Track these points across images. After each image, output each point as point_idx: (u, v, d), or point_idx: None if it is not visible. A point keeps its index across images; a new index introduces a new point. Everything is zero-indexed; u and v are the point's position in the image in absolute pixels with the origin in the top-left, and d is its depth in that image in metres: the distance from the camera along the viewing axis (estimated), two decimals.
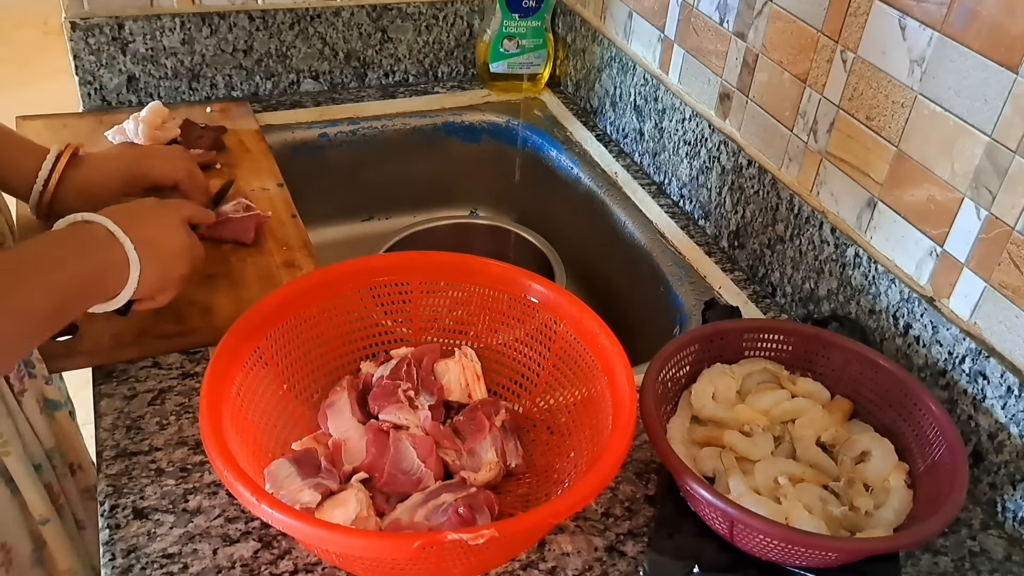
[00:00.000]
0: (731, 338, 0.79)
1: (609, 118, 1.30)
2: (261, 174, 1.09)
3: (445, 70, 1.40)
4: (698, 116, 1.09)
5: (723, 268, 1.04)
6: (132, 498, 0.70)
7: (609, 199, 1.19)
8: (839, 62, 0.87)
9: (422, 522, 0.64)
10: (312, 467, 0.65)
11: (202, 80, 1.25)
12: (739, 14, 0.99)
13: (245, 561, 0.66)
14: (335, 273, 0.76)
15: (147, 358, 0.83)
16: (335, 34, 1.29)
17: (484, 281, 0.78)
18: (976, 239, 0.75)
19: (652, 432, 0.67)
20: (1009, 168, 0.71)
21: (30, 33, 3.37)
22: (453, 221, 1.25)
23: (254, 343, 0.69)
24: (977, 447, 0.77)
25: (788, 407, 0.76)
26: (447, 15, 1.35)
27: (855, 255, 0.87)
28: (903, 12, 0.79)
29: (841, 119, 0.88)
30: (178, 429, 0.76)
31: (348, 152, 1.29)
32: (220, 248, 0.95)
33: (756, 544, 0.64)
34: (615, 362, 0.68)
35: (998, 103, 0.71)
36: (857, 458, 0.73)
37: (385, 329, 0.80)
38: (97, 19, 1.15)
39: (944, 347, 0.79)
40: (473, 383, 0.77)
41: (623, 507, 0.74)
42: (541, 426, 0.76)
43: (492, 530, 0.55)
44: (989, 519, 0.76)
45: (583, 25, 1.33)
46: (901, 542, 0.65)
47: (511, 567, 0.68)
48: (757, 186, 1.00)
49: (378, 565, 0.60)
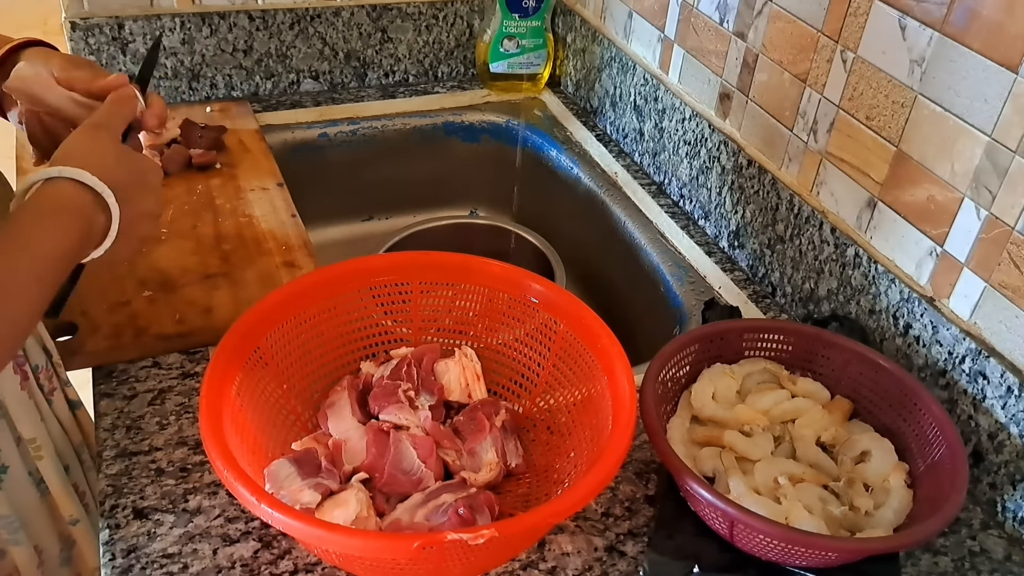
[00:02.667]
0: (731, 338, 0.79)
1: (609, 118, 1.30)
2: (261, 174, 1.09)
3: (445, 70, 1.40)
4: (698, 116, 1.09)
5: (723, 268, 1.04)
6: (132, 498, 0.70)
7: (609, 199, 1.19)
8: (839, 62, 0.86)
9: (422, 522, 0.64)
10: (312, 467, 0.65)
11: (202, 80, 1.25)
12: (739, 14, 0.99)
13: (245, 561, 0.66)
14: (335, 273, 0.76)
15: (147, 358, 0.83)
16: (335, 34, 1.29)
17: (484, 281, 0.78)
18: (976, 239, 0.75)
19: (652, 432, 0.67)
20: (1009, 168, 0.71)
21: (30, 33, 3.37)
22: (453, 221, 1.25)
23: (254, 343, 0.69)
24: (977, 447, 0.77)
25: (788, 407, 0.76)
26: (447, 15, 1.35)
27: (855, 255, 0.87)
28: (903, 12, 0.79)
29: (841, 119, 0.88)
30: (178, 429, 0.76)
31: (348, 152, 1.29)
32: (220, 247, 0.95)
33: (756, 544, 0.64)
34: (615, 362, 0.68)
35: (998, 103, 0.71)
36: (857, 458, 0.73)
37: (385, 329, 0.80)
38: (97, 19, 1.15)
39: (944, 347, 0.79)
40: (473, 383, 0.77)
41: (623, 507, 0.74)
42: (541, 426, 0.76)
43: (492, 530, 0.54)
44: (989, 519, 0.76)
45: (583, 25, 1.33)
46: (901, 542, 0.65)
47: (511, 567, 0.68)
48: (757, 186, 1.00)
49: (378, 565, 0.60)
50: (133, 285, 0.88)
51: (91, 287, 0.87)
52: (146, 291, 0.88)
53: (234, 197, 1.04)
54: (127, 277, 0.89)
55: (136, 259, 0.90)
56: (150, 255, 0.91)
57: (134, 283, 0.88)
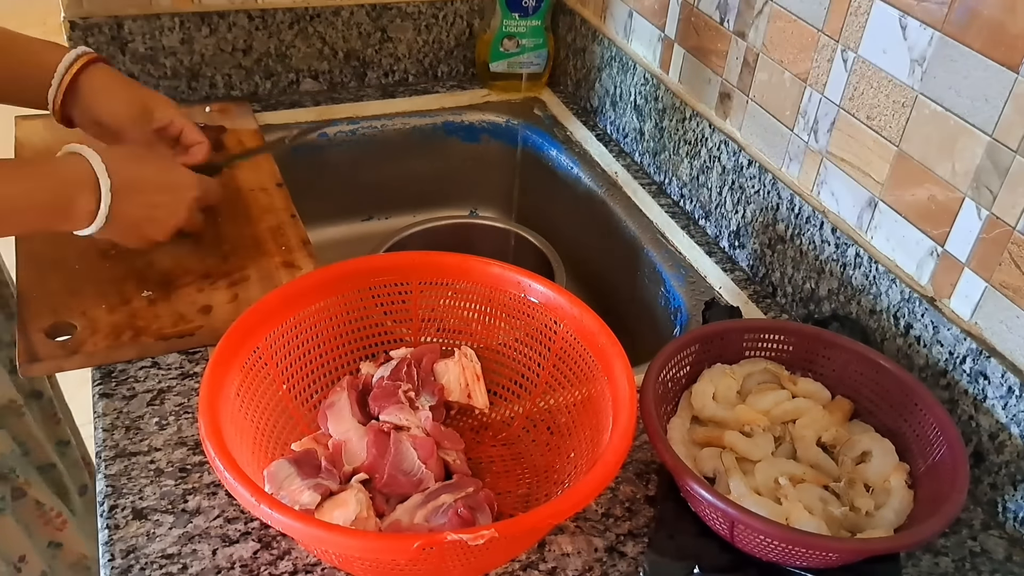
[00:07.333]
0: (731, 338, 0.79)
1: (609, 117, 1.30)
2: (260, 174, 1.09)
3: (445, 70, 1.40)
4: (698, 116, 1.09)
5: (723, 268, 1.04)
6: (131, 498, 0.70)
7: (609, 199, 1.19)
8: (840, 61, 0.86)
9: (422, 523, 0.64)
10: (312, 468, 0.65)
11: (201, 80, 1.25)
12: (739, 13, 0.99)
13: (244, 562, 0.66)
14: (335, 273, 0.76)
15: (146, 358, 0.83)
16: (335, 33, 1.29)
17: (484, 281, 0.78)
18: (977, 239, 0.75)
19: (652, 432, 0.67)
20: (1010, 168, 0.71)
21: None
22: (453, 221, 1.25)
23: (254, 343, 0.69)
24: (978, 447, 0.77)
25: (789, 407, 0.76)
26: (447, 14, 1.35)
27: (856, 255, 0.87)
28: (904, 11, 0.79)
29: (842, 119, 0.88)
30: (177, 429, 0.76)
31: (348, 152, 1.29)
32: (220, 247, 0.95)
33: (756, 545, 0.64)
34: (615, 362, 0.68)
35: (999, 102, 0.71)
36: (858, 458, 0.73)
37: (385, 329, 0.80)
38: (96, 19, 1.15)
39: (945, 347, 0.79)
40: (473, 383, 0.77)
41: (623, 507, 0.73)
42: (541, 426, 0.76)
43: (492, 530, 0.54)
44: (990, 519, 0.76)
45: (583, 24, 1.32)
46: (902, 542, 0.65)
47: (511, 567, 0.68)
48: (757, 186, 1.00)
49: (378, 566, 0.60)
50: (132, 285, 0.88)
51: (90, 287, 0.87)
52: (145, 291, 0.87)
53: (234, 197, 1.04)
54: (127, 277, 0.89)
55: (135, 257, 0.91)
56: (149, 255, 0.91)
57: (133, 283, 0.88)
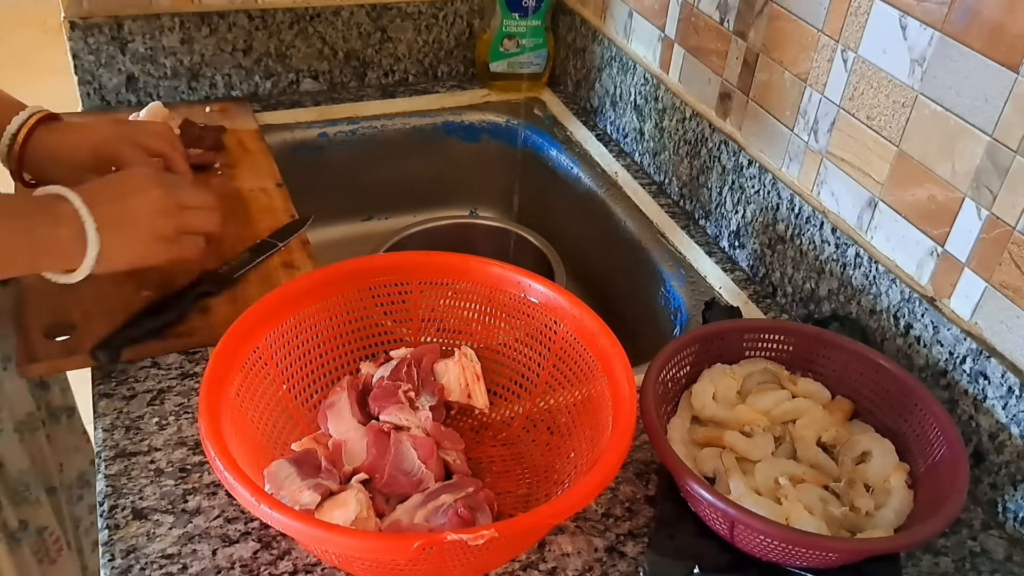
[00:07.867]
0: (731, 338, 0.79)
1: (609, 118, 1.30)
2: (260, 174, 1.09)
3: (445, 70, 1.40)
4: (698, 116, 1.09)
5: (723, 268, 1.04)
6: (131, 498, 0.70)
7: (609, 199, 1.19)
8: (840, 61, 0.86)
9: (422, 523, 0.64)
10: (312, 468, 0.65)
11: (201, 80, 1.25)
12: (739, 13, 0.99)
13: (244, 562, 0.66)
14: (335, 273, 0.76)
15: (146, 358, 0.83)
16: (335, 33, 1.29)
17: (484, 281, 0.78)
18: (977, 239, 0.75)
19: (652, 432, 0.67)
20: (1010, 168, 0.71)
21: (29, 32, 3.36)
22: (453, 221, 1.25)
23: (253, 343, 0.69)
24: (978, 447, 0.77)
25: (789, 407, 0.76)
26: (447, 14, 1.35)
27: (856, 255, 0.87)
28: (904, 11, 0.79)
29: (842, 119, 0.88)
30: (177, 429, 0.76)
31: (348, 152, 1.29)
32: (219, 248, 0.94)
33: (757, 545, 0.64)
34: (615, 362, 0.68)
35: (999, 102, 0.71)
36: (858, 458, 0.73)
37: (385, 329, 0.80)
38: (96, 18, 1.15)
39: (945, 347, 0.79)
40: (473, 383, 0.77)
41: (623, 507, 0.73)
42: (541, 426, 0.76)
43: (492, 530, 0.54)
44: (990, 519, 0.76)
45: (583, 24, 1.32)
46: (902, 543, 0.65)
47: (511, 567, 0.68)
48: (757, 186, 1.00)
49: (378, 566, 0.60)
50: (132, 285, 0.88)
51: (89, 287, 0.87)
52: (144, 291, 0.87)
53: (233, 197, 1.04)
54: (126, 277, 0.89)
55: None
56: None
57: (133, 283, 0.88)
